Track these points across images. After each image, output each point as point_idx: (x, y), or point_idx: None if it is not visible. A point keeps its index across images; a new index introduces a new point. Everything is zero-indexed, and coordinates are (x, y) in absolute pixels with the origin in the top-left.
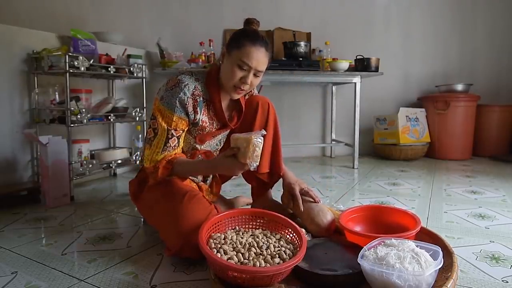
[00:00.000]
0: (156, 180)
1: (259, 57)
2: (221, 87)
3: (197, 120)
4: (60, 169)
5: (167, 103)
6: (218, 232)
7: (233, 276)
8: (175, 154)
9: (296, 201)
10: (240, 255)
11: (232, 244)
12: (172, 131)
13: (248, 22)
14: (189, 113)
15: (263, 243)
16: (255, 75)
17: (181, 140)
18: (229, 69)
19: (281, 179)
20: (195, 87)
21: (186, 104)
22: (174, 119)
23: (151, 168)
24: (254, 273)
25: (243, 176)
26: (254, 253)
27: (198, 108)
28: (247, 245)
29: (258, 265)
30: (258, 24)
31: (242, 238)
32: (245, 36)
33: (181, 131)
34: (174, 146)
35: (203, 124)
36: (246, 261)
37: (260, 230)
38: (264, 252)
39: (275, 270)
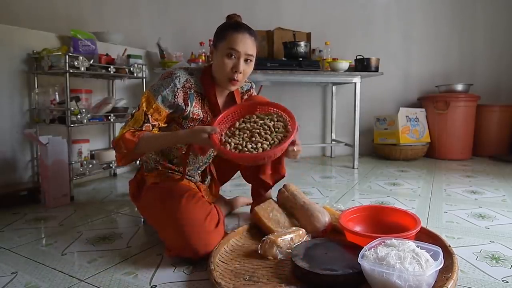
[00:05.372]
0: (123, 155)
1: (245, 41)
2: (216, 84)
3: (187, 112)
4: (60, 169)
5: (154, 90)
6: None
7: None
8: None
9: None
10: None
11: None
12: (149, 116)
13: (229, 17)
14: (179, 104)
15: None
16: (246, 61)
17: (155, 131)
18: (219, 62)
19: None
20: (187, 79)
21: (176, 95)
22: (153, 106)
23: (114, 143)
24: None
25: (242, 176)
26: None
27: (189, 100)
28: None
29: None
30: (240, 18)
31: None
32: (227, 26)
33: (156, 121)
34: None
35: (194, 117)
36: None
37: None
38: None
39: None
